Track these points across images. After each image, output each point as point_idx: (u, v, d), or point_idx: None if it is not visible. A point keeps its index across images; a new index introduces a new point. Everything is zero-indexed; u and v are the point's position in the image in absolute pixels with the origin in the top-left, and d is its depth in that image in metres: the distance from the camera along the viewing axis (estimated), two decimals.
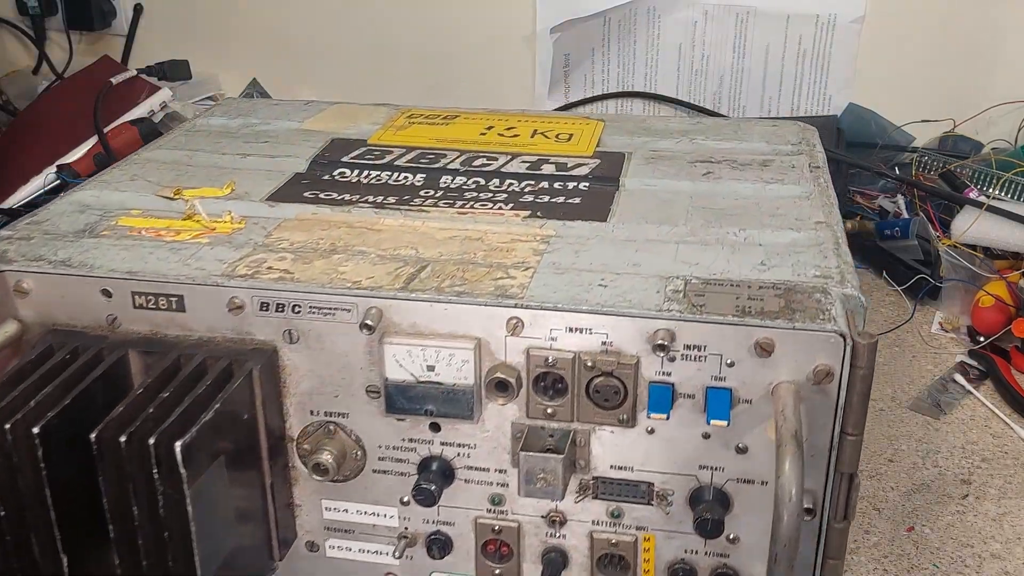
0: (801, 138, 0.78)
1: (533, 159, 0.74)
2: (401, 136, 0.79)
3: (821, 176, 0.71)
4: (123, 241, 0.62)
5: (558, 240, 0.61)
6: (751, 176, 0.70)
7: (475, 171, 0.72)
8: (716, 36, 1.16)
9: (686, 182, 0.70)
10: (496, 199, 0.67)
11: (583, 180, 0.70)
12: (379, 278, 0.56)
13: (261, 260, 0.58)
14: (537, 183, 0.70)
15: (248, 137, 0.80)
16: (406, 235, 0.62)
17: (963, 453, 0.80)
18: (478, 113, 0.85)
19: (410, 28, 1.23)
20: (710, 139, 0.78)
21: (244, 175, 0.72)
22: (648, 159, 0.74)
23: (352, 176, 0.71)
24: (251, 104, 0.89)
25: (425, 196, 0.68)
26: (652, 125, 0.82)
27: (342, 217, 0.65)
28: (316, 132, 0.81)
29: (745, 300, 0.53)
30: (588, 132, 0.79)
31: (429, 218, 0.64)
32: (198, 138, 0.80)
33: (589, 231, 0.63)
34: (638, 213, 0.65)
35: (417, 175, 0.71)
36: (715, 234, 0.62)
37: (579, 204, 0.66)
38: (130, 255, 0.60)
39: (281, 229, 0.63)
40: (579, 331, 0.53)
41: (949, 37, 1.12)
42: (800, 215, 0.64)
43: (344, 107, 0.87)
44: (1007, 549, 0.70)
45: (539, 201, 0.67)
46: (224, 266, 0.58)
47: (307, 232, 0.62)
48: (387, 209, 0.66)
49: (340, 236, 0.62)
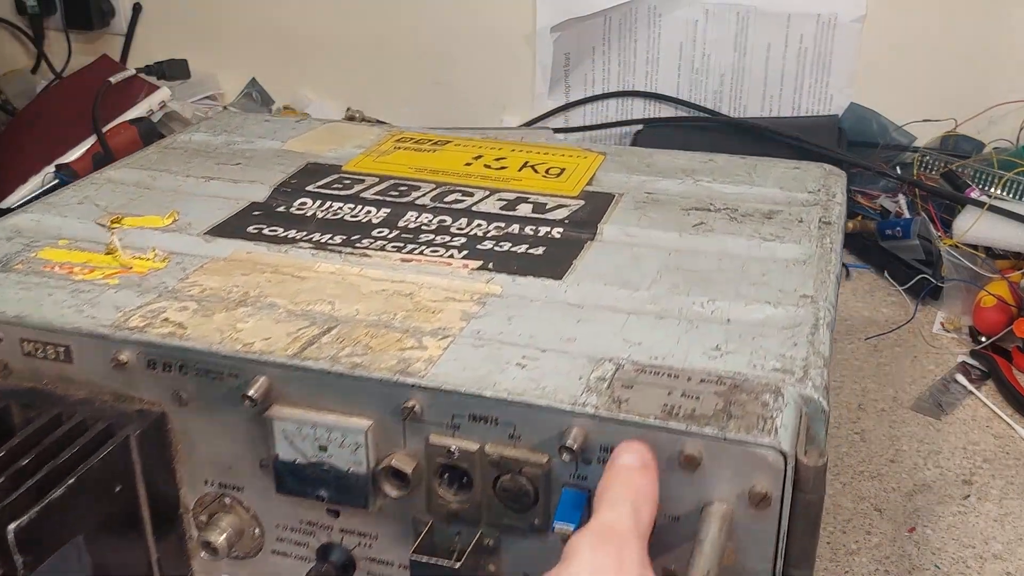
0: (822, 185, 0.68)
1: (511, 197, 0.65)
2: (380, 163, 0.71)
3: (829, 235, 0.61)
4: (29, 278, 0.54)
5: (496, 301, 0.52)
6: (748, 230, 0.61)
7: (443, 208, 0.64)
8: (717, 35, 1.10)
9: (672, 234, 0.60)
10: (451, 244, 0.59)
11: (557, 225, 0.61)
12: (276, 340, 0.48)
13: (160, 309, 0.51)
14: (506, 226, 0.61)
15: (223, 157, 0.72)
16: (331, 286, 0.54)
17: (965, 453, 0.79)
18: (472, 140, 0.76)
19: (410, 27, 1.18)
20: (717, 181, 0.68)
21: (199, 202, 0.65)
22: (639, 203, 0.64)
23: (310, 208, 0.64)
24: (242, 119, 0.81)
25: (376, 236, 0.60)
26: (657, 161, 0.72)
27: (275, 259, 0.57)
28: (294, 154, 0.73)
29: (678, 397, 0.43)
30: (583, 167, 0.70)
31: (368, 264, 0.56)
32: (170, 157, 0.73)
33: (537, 290, 0.54)
34: (600, 271, 0.56)
35: (380, 209, 0.63)
36: (678, 304, 0.52)
37: (540, 256, 0.57)
38: (28, 296, 0.52)
39: (201, 272, 0.55)
40: (484, 420, 0.44)
41: (951, 36, 1.06)
42: (786, 285, 0.54)
43: (335, 127, 0.79)
44: (1009, 550, 0.70)
45: (497, 250, 0.58)
46: (118, 315, 0.50)
47: (226, 277, 0.54)
48: (327, 251, 0.58)
49: (259, 283, 0.54)
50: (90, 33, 1.28)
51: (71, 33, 1.27)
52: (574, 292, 0.54)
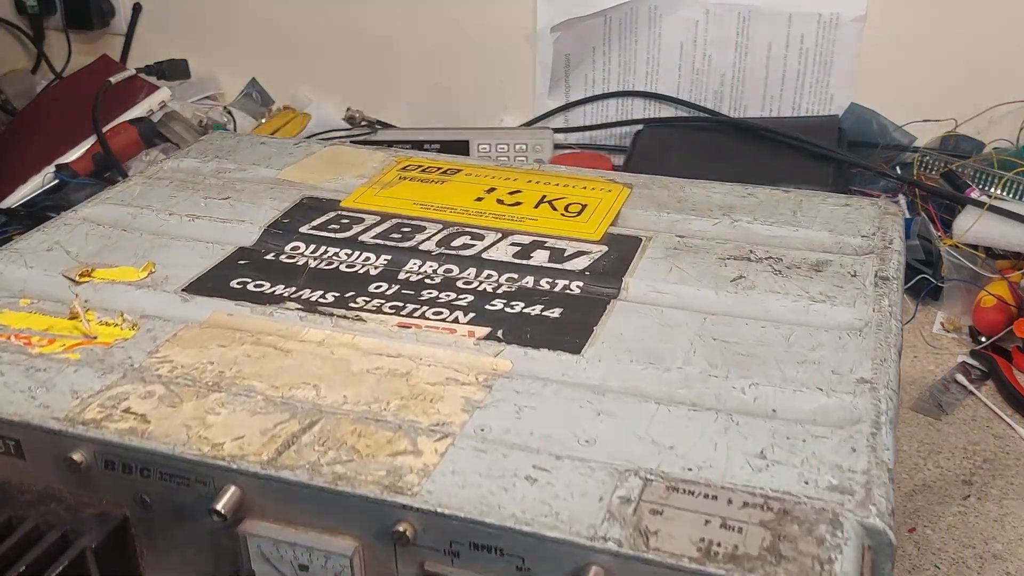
0: (876, 228, 0.59)
1: (526, 241, 0.58)
2: (382, 198, 0.64)
3: (887, 296, 0.52)
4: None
5: (505, 384, 0.45)
6: (794, 287, 0.53)
7: (450, 255, 0.56)
8: (717, 35, 1.06)
9: (707, 291, 0.53)
10: (457, 303, 0.52)
11: (577, 278, 0.54)
12: (249, 439, 0.41)
13: (122, 396, 0.44)
14: (519, 277, 0.54)
15: (211, 190, 0.65)
16: (317, 362, 0.47)
17: (965, 454, 0.78)
18: (485, 168, 0.68)
19: (410, 27, 1.13)
20: (758, 221, 0.60)
21: (180, 248, 0.57)
22: (669, 250, 0.56)
23: (302, 254, 0.57)
24: (235, 141, 0.73)
25: (373, 293, 0.53)
26: (690, 196, 0.63)
27: (257, 324, 0.50)
28: (290, 185, 0.66)
29: (717, 527, 0.36)
30: (606, 203, 0.62)
31: (361, 331, 0.49)
32: (154, 190, 0.65)
33: (553, 367, 0.46)
34: (625, 342, 0.48)
35: (380, 256, 0.56)
36: (715, 388, 0.45)
37: (557, 320, 0.50)
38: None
39: (173, 343, 0.48)
40: (488, 550, 0.37)
41: (951, 36, 1.02)
42: (840, 364, 0.47)
43: (336, 152, 0.72)
44: (1009, 550, 0.69)
45: (509, 311, 0.51)
46: (73, 404, 0.43)
47: (200, 349, 0.47)
48: (317, 313, 0.51)
49: (236, 359, 0.47)
50: (90, 33, 1.24)
51: (71, 33, 1.23)
52: (595, 370, 0.46)
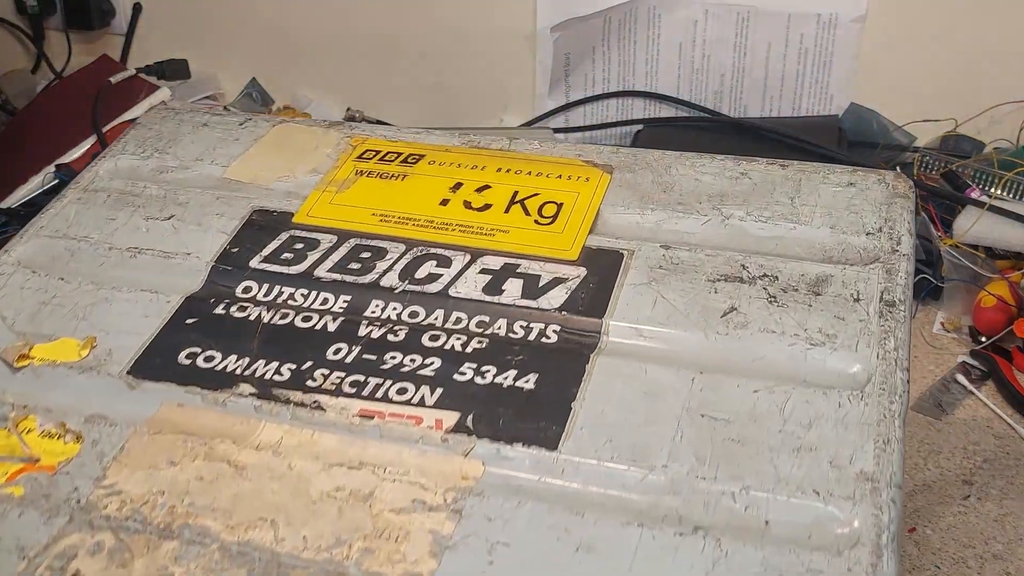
0: (884, 219, 0.55)
1: (497, 266, 0.56)
2: (337, 207, 0.61)
3: (893, 333, 0.49)
4: None
5: (475, 507, 0.43)
6: (791, 323, 0.50)
7: (415, 292, 0.55)
8: (717, 35, 1.06)
9: (696, 334, 0.50)
10: (422, 373, 0.50)
11: (553, 320, 0.52)
12: None
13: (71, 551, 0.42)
14: (491, 321, 0.53)
15: (152, 204, 0.61)
16: (274, 484, 0.45)
17: (965, 454, 0.78)
18: (450, 151, 0.64)
19: (410, 27, 1.14)
20: (751, 215, 0.57)
21: (122, 304, 0.54)
22: (653, 270, 0.54)
23: (255, 299, 0.55)
24: (175, 125, 0.68)
25: (332, 362, 0.51)
26: (677, 181, 0.59)
27: (211, 422, 0.48)
28: (238, 188, 0.62)
29: None
30: (583, 202, 0.59)
31: (321, 424, 0.48)
32: (91, 209, 0.61)
33: (528, 472, 0.45)
34: (607, 427, 0.46)
35: (339, 298, 0.55)
36: (703, 494, 0.43)
37: (532, 394, 0.49)
38: None
39: (121, 462, 0.46)
40: None
41: (951, 36, 1.02)
42: (839, 452, 0.44)
43: (284, 133, 0.68)
44: (1009, 550, 0.69)
45: (479, 383, 0.50)
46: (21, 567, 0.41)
47: (150, 470, 0.46)
48: (274, 400, 0.49)
49: (188, 484, 0.45)
50: (90, 33, 1.24)
51: (71, 33, 1.24)
52: (573, 473, 0.45)
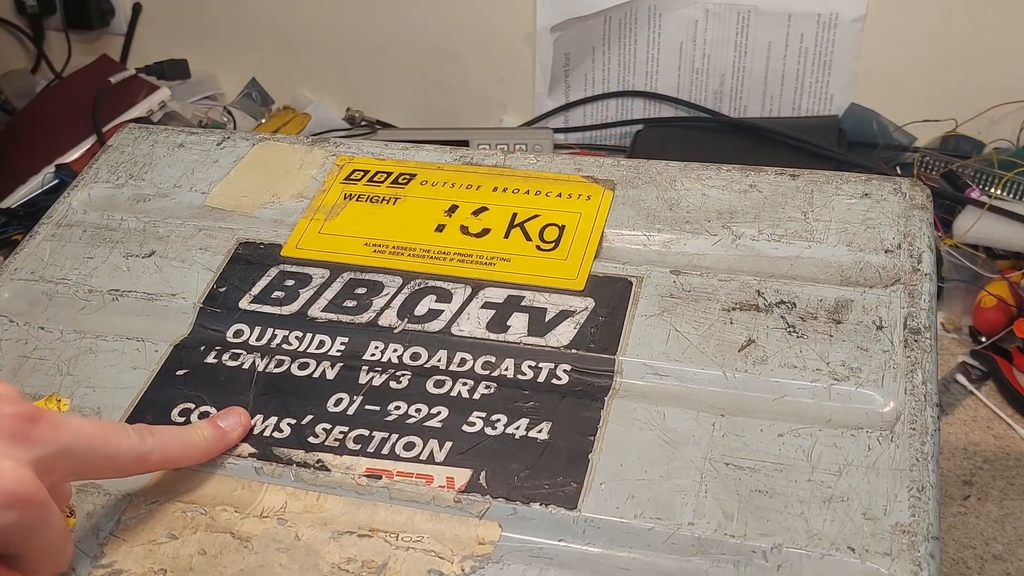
0: (903, 235, 0.53)
1: (500, 299, 0.53)
2: (327, 237, 0.58)
3: (920, 366, 0.46)
4: None
5: (496, 572, 0.41)
6: (812, 356, 0.47)
7: (416, 332, 0.52)
8: (717, 34, 1.07)
9: (713, 372, 0.48)
10: (429, 425, 0.48)
11: (562, 359, 0.50)
12: None
13: None
14: (498, 361, 0.50)
15: (131, 239, 0.59)
16: (281, 557, 0.43)
17: (965, 454, 0.78)
18: (443, 170, 0.62)
19: (410, 27, 1.14)
20: (764, 233, 0.54)
21: (107, 356, 0.52)
22: (664, 299, 0.51)
23: (247, 343, 0.53)
24: (149, 147, 0.65)
25: (333, 416, 0.49)
26: (683, 198, 0.57)
27: (211, 488, 0.46)
28: (221, 217, 0.60)
29: None
30: (586, 224, 0.57)
31: (327, 486, 0.46)
32: (67, 247, 0.58)
33: (547, 535, 0.43)
34: (627, 482, 0.44)
35: (336, 340, 0.52)
36: (733, 554, 0.41)
37: (546, 446, 0.46)
38: None
39: (119, 538, 0.43)
40: None
41: (951, 36, 1.03)
42: (872, 502, 0.41)
43: (265, 153, 0.64)
44: (1009, 550, 0.70)
45: (489, 433, 0.47)
46: None
47: (150, 545, 0.43)
48: (275, 461, 0.47)
49: (192, 560, 0.43)
50: (90, 33, 1.25)
51: (71, 33, 1.24)
52: (595, 535, 0.43)
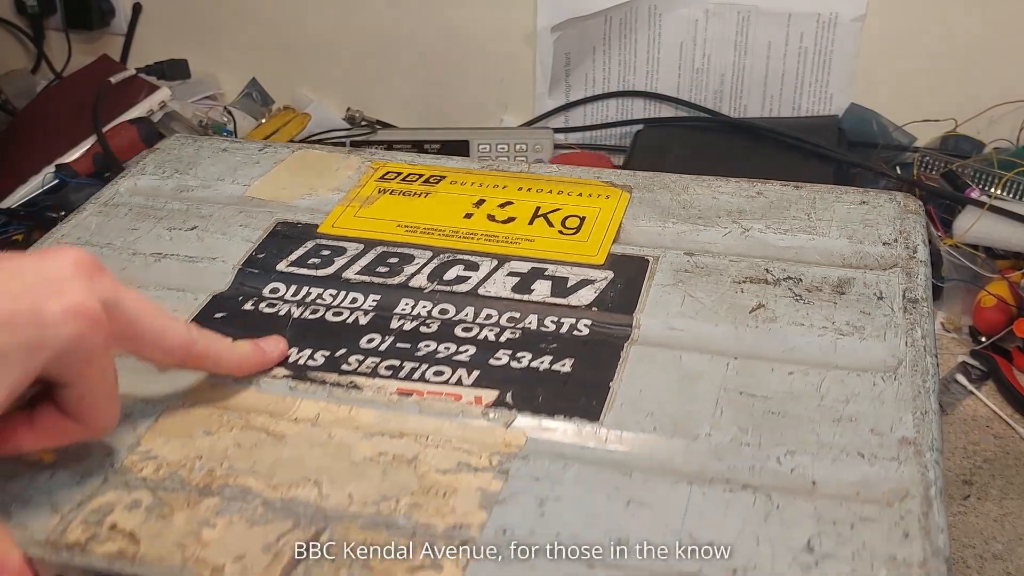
0: (898, 232, 0.57)
1: (525, 269, 0.55)
2: (362, 219, 0.61)
3: (919, 324, 0.50)
4: None
5: (521, 469, 0.43)
6: (818, 317, 0.51)
7: (444, 292, 0.54)
8: (717, 34, 1.07)
9: (726, 327, 0.51)
10: (458, 358, 0.49)
11: (584, 315, 0.52)
12: (252, 559, 0.38)
13: (107, 508, 0.41)
14: (522, 317, 0.52)
15: (175, 218, 0.62)
16: (315, 450, 0.44)
17: (965, 453, 0.78)
18: (470, 172, 0.65)
19: (410, 27, 1.14)
20: (770, 228, 0.58)
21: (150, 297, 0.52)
22: (679, 272, 0.54)
23: (283, 299, 0.54)
24: (194, 151, 0.69)
25: (366, 350, 0.50)
26: (695, 199, 0.61)
27: (246, 398, 0.47)
28: (261, 204, 0.62)
29: None
30: (606, 214, 0.60)
31: (359, 400, 0.47)
32: (112, 221, 0.61)
33: (572, 440, 0.44)
34: (646, 402, 0.46)
35: (368, 298, 0.54)
36: (749, 459, 0.43)
37: (569, 375, 0.48)
38: None
39: (156, 431, 0.45)
40: None
41: (951, 36, 1.03)
42: (879, 420, 0.44)
43: (303, 157, 0.69)
44: (1009, 550, 0.69)
45: (515, 366, 0.49)
46: (54, 522, 0.40)
47: (186, 438, 0.45)
48: (308, 380, 0.48)
49: (227, 451, 0.44)
50: (90, 33, 1.25)
51: (71, 33, 1.24)
52: (617, 443, 0.45)
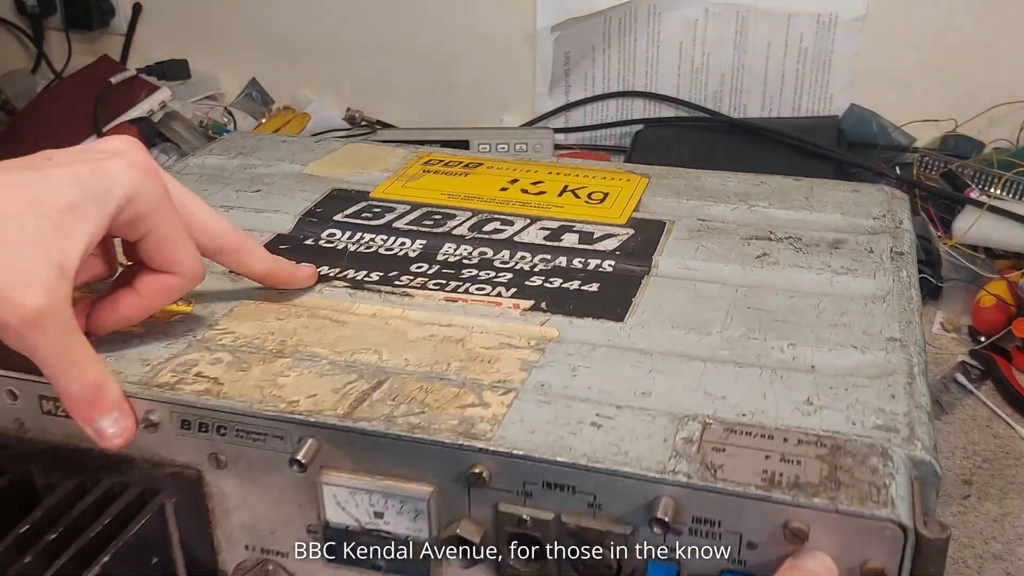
0: (886, 210, 0.63)
1: (555, 226, 0.60)
2: (410, 189, 0.66)
3: (904, 268, 0.56)
4: None
5: (556, 348, 0.47)
6: (816, 262, 0.56)
7: (483, 239, 0.59)
8: (717, 34, 1.07)
9: (735, 267, 0.56)
10: (497, 280, 0.54)
11: (608, 257, 0.56)
12: (322, 397, 0.43)
13: (192, 363, 0.46)
14: (552, 258, 0.57)
15: (241, 183, 0.67)
16: (374, 332, 0.49)
17: (964, 453, 0.78)
18: (505, 161, 0.71)
19: (410, 28, 1.14)
20: (773, 206, 0.63)
21: None
22: (693, 232, 0.60)
23: (340, 239, 0.59)
24: (256, 141, 0.76)
25: (415, 272, 0.55)
26: (706, 184, 0.67)
27: (309, 300, 0.52)
28: (317, 179, 0.68)
29: (777, 462, 0.39)
30: (627, 192, 0.65)
31: (411, 304, 0.51)
32: (183, 182, 0.62)
33: (599, 334, 0.49)
34: (664, 311, 0.51)
35: (415, 241, 0.59)
36: (756, 349, 0.47)
37: (596, 293, 0.53)
38: None
39: (232, 317, 0.50)
40: (560, 488, 0.40)
41: (951, 36, 1.04)
42: (870, 326, 0.50)
43: (357, 148, 0.75)
44: (1009, 549, 0.69)
45: (548, 286, 0.53)
46: (146, 369, 0.45)
47: (259, 322, 0.50)
48: (365, 290, 0.53)
49: (296, 330, 0.49)
50: (90, 33, 1.25)
51: (71, 33, 1.24)
52: (639, 336, 0.49)
